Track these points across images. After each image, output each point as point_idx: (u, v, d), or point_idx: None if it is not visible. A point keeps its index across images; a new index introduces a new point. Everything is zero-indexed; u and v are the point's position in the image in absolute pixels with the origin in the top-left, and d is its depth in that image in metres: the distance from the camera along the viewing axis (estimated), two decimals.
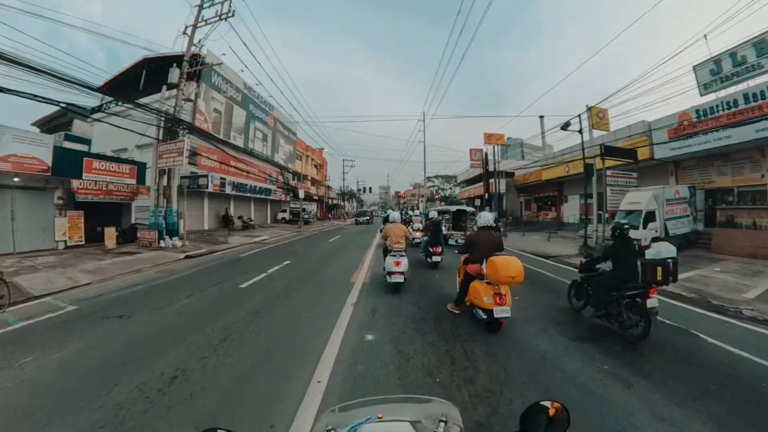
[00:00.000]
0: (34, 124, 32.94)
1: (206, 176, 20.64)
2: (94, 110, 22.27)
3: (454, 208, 20.50)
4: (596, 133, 20.99)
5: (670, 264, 4.84)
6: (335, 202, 64.60)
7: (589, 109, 17.57)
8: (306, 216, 34.95)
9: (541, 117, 35.67)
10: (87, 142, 25.21)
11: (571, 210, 27.87)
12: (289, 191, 33.26)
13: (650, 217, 14.69)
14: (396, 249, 7.92)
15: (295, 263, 11.59)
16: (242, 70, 27.12)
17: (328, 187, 55.21)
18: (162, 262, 12.26)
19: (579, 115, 16.94)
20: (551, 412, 1.09)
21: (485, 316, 5.05)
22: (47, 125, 32.46)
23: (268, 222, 34.39)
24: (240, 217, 26.10)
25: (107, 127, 16.50)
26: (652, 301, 4.86)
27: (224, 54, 24.84)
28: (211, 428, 1.03)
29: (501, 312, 4.88)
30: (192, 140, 21.54)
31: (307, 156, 44.85)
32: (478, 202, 28.18)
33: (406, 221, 19.24)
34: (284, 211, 35.91)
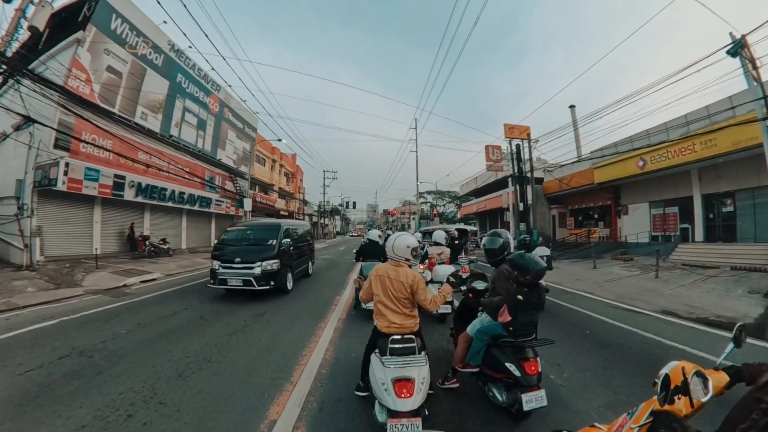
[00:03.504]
0: None
1: (57, 164, 11.77)
2: None
3: (452, 227, 13.12)
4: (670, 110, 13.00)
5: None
6: (314, 219, 55.64)
7: (744, 37, 9.47)
8: None
9: (572, 107, 27.87)
10: None
11: (634, 225, 19.61)
12: (239, 203, 24.34)
13: None
14: (399, 339, 2.89)
15: None
16: (165, 22, 18.56)
17: (304, 202, 46.20)
18: None
19: (744, 37, 8.86)
20: None
21: None
22: None
23: (212, 244, 25.14)
24: (145, 238, 16.97)
25: None
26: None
27: None
28: None
29: None
30: (64, 112, 12.91)
31: (275, 161, 35.99)
32: (507, 217, 19.56)
33: (419, 253, 7.62)
34: None
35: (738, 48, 8.74)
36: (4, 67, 10.81)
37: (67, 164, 12.65)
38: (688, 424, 1.54)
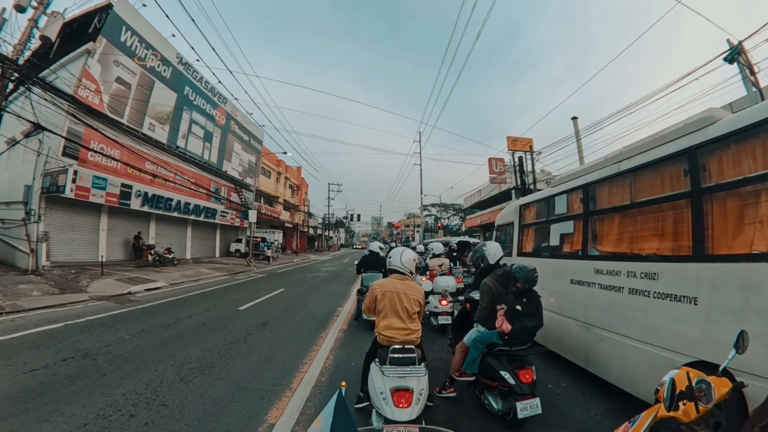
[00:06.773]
0: None
1: (65, 171, 12.00)
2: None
3: (455, 239, 14.00)
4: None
5: None
6: (319, 232, 55.82)
7: (740, 43, 9.59)
8: (266, 248, 26.09)
9: (574, 118, 27.98)
10: None
11: None
12: (244, 214, 24.53)
13: None
14: (400, 349, 2.83)
15: None
16: (173, 35, 19.08)
17: (309, 214, 46.41)
18: None
19: (740, 43, 9.03)
20: None
21: None
22: None
23: (217, 254, 25.33)
24: (149, 247, 17.11)
25: None
26: None
27: (145, 5, 16.99)
28: None
29: None
30: (73, 121, 13.22)
31: (280, 173, 36.36)
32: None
33: (421, 266, 8.27)
34: (239, 240, 26.94)
35: (735, 54, 8.87)
36: (16, 74, 11.14)
37: (75, 172, 12.89)
38: (696, 428, 1.51)
